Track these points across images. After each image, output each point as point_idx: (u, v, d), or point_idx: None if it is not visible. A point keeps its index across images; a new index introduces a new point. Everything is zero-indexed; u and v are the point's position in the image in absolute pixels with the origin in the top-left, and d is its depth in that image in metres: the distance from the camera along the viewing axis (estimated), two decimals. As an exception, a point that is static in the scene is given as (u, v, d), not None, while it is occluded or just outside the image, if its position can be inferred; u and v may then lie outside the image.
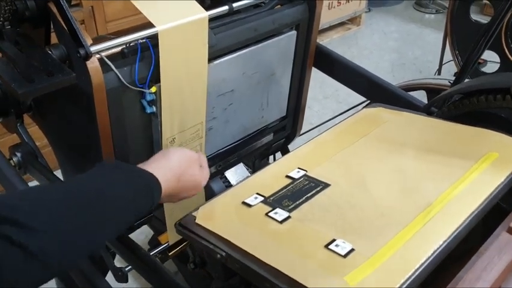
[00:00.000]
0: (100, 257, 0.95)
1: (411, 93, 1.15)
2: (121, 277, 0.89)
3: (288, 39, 0.98)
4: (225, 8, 0.83)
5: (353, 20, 3.51)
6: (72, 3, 1.91)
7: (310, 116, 2.59)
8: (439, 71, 2.29)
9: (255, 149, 1.09)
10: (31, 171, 0.93)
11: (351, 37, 3.43)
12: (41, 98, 0.90)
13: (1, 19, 0.71)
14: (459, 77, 1.03)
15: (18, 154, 0.93)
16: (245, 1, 0.86)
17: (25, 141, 0.95)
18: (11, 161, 0.93)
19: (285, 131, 1.15)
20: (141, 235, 1.58)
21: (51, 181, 0.87)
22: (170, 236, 1.01)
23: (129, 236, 0.96)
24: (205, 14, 0.79)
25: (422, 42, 3.37)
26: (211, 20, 0.84)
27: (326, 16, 3.21)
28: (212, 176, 1.06)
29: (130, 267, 0.89)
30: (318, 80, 2.81)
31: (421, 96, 1.33)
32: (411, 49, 3.29)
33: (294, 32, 0.98)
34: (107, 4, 2.03)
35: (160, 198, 0.63)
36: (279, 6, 0.97)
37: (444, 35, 2.11)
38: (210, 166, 1.00)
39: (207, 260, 0.84)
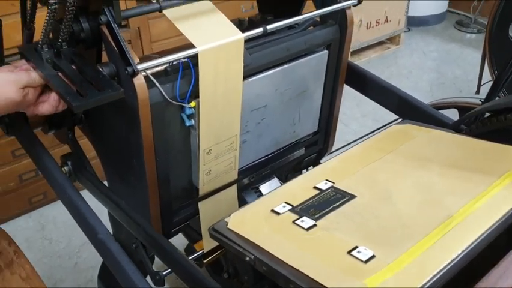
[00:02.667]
0: (139, 262, 1.01)
1: (444, 111, 1.17)
2: (158, 281, 0.95)
3: (320, 58, 1.03)
4: (260, 30, 0.89)
5: (392, 40, 3.52)
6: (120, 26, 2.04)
7: (347, 133, 2.62)
8: (478, 91, 2.27)
9: (287, 162, 1.14)
10: (80, 179, 1.01)
11: (390, 56, 3.44)
12: (91, 111, 0.98)
13: (60, 40, 0.79)
14: (490, 94, 1.05)
15: (69, 163, 1.01)
16: (279, 23, 0.92)
17: (75, 151, 1.03)
18: (62, 169, 1.02)
19: (316, 145, 1.19)
20: (177, 241, 1.64)
21: (99, 188, 0.94)
22: (205, 244, 1.07)
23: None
24: (241, 36, 0.85)
25: (462, 62, 3.34)
26: (247, 41, 0.90)
27: (364, 35, 3.24)
28: (245, 188, 1.11)
29: (166, 271, 0.95)
30: (356, 99, 2.85)
31: (454, 114, 1.35)
32: (451, 69, 3.27)
33: (325, 52, 1.03)
34: (152, 25, 2.14)
35: None
36: (311, 27, 1.03)
37: (483, 55, 2.11)
38: (243, 178, 1.07)
39: (237, 264, 0.89)
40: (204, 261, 1.11)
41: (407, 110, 1.10)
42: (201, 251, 1.09)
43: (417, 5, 3.68)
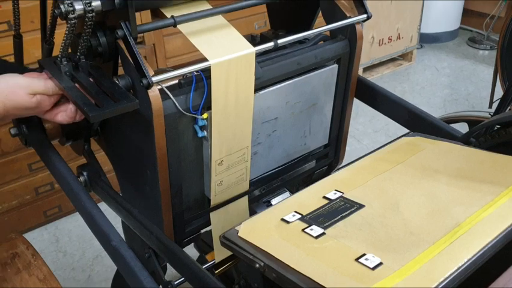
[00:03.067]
0: (151, 272, 1.03)
1: (455, 125, 1.18)
2: None
3: (330, 72, 1.05)
4: (271, 44, 0.91)
5: (405, 56, 3.54)
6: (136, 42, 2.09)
7: (360, 148, 2.63)
8: (490, 106, 2.27)
9: (298, 174, 1.15)
10: (95, 188, 1.03)
11: (403, 73, 3.46)
12: (107, 123, 1.01)
13: (78, 53, 0.83)
14: (499, 108, 1.06)
15: (85, 173, 1.04)
16: (289, 38, 0.95)
17: (91, 162, 1.06)
18: (78, 179, 1.04)
19: (327, 158, 1.20)
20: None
21: (113, 197, 0.97)
22: (217, 254, 1.08)
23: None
24: (253, 50, 0.87)
25: (475, 79, 3.35)
26: (259, 54, 0.93)
27: (377, 52, 3.27)
28: (256, 200, 1.12)
29: (178, 281, 0.97)
30: (369, 115, 2.87)
31: (465, 129, 1.35)
32: (464, 85, 3.28)
33: (335, 66, 1.05)
34: (167, 42, 2.20)
35: None
36: (321, 42, 1.05)
37: (495, 70, 2.11)
38: (254, 189, 1.08)
39: (247, 272, 0.90)
40: (216, 272, 1.12)
41: (417, 123, 1.11)
42: (213, 262, 1.11)
43: (430, 22, 3.71)
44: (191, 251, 1.34)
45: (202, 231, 1.08)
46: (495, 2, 3.66)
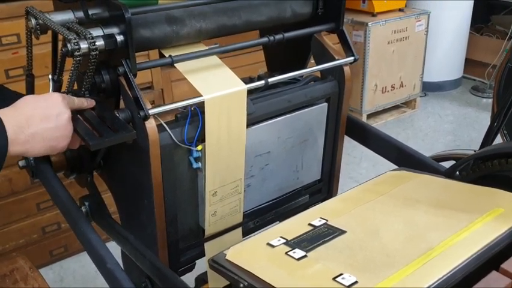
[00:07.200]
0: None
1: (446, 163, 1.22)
2: None
3: (320, 110, 1.11)
4: (261, 82, 0.98)
5: (408, 104, 3.62)
6: (145, 86, 2.20)
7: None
8: (489, 151, 2.31)
9: (292, 209, 1.19)
10: (96, 217, 1.08)
11: (406, 120, 3.52)
12: (109, 156, 1.07)
13: (83, 89, 0.90)
14: (483, 144, 1.10)
15: (86, 204, 1.09)
16: (279, 77, 1.02)
17: (93, 193, 1.11)
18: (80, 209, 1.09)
19: (320, 194, 1.25)
20: None
21: (112, 225, 1.02)
22: (211, 283, 1.11)
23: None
24: (244, 87, 0.94)
25: (478, 126, 3.39)
26: (252, 92, 1.00)
27: (380, 99, 3.35)
28: (250, 232, 1.16)
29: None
30: (372, 160, 2.91)
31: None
32: (467, 132, 3.32)
33: (325, 104, 1.12)
34: (175, 87, 2.30)
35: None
36: (312, 82, 1.13)
37: (492, 115, 2.17)
38: (248, 221, 1.12)
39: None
40: (210, 302, 1.14)
41: (405, 159, 1.16)
42: (207, 293, 1.13)
43: (433, 71, 3.80)
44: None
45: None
46: (497, 51, 3.76)
